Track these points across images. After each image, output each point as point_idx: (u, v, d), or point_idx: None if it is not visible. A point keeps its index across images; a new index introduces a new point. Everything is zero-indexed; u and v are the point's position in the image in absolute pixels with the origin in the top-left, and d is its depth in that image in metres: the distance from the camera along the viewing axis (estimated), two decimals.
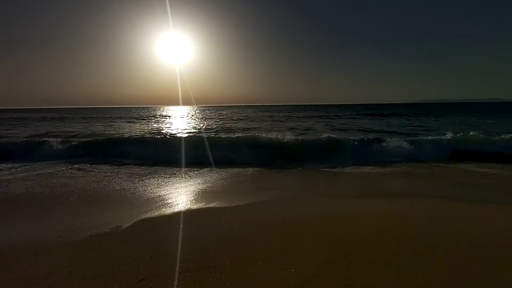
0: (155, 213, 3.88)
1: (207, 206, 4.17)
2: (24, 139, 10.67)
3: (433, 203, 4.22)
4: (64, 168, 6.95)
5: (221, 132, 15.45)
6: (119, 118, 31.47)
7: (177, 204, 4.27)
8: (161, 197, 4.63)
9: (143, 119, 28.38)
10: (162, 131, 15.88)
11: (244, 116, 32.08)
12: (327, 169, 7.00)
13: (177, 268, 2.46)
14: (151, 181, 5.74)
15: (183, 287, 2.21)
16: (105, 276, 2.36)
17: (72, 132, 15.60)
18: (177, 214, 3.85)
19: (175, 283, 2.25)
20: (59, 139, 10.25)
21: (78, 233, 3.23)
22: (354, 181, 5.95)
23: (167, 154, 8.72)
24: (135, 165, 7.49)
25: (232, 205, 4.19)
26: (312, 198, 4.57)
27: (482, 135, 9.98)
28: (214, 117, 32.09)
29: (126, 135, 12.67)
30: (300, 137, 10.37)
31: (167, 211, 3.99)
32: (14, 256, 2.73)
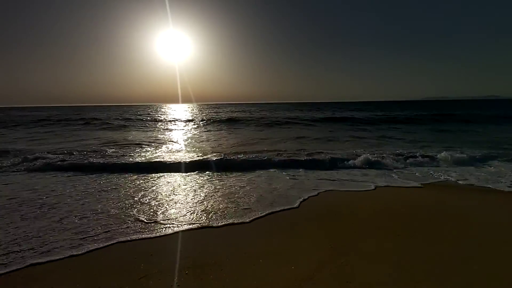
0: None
1: (206, 202, 4.17)
2: None
3: (433, 199, 4.22)
4: None
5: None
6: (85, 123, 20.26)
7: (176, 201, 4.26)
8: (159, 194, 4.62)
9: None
10: None
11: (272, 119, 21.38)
12: None
13: (177, 265, 2.46)
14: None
15: (183, 284, 2.21)
16: (106, 275, 2.36)
17: None
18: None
19: (175, 280, 2.25)
20: None
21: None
22: None
23: None
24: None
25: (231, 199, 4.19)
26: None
27: None
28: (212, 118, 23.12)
29: None
30: None
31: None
32: (14, 255, 2.73)
